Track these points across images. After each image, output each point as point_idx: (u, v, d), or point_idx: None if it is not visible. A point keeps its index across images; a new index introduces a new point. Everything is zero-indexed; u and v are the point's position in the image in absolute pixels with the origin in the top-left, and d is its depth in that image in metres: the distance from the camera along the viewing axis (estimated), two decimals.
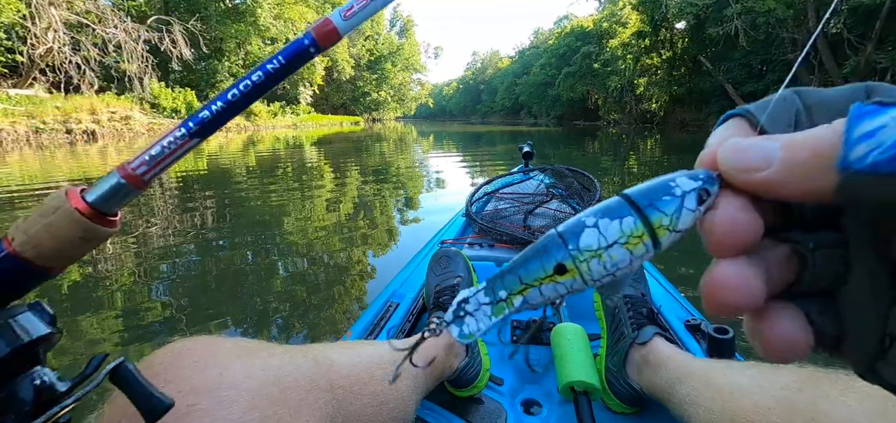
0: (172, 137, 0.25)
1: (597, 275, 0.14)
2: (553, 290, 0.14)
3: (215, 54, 16.89)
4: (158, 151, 0.24)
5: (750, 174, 0.12)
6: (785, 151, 0.11)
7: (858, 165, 0.10)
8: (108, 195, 0.24)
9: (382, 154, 8.06)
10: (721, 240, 0.12)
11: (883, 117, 0.10)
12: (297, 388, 0.35)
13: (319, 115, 25.10)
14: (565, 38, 30.69)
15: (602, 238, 0.13)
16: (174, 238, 2.50)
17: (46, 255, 0.22)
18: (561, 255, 0.14)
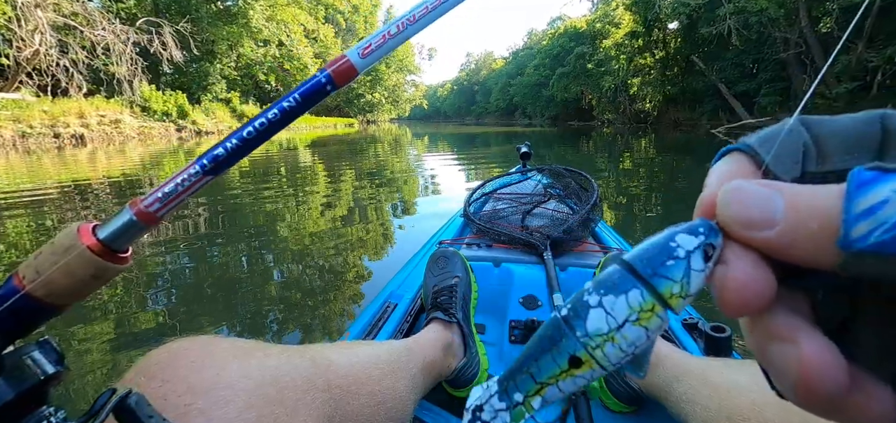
0: (186, 174, 0.24)
1: (615, 359, 0.13)
2: (573, 384, 0.13)
3: (207, 56, 16.74)
4: (172, 189, 0.24)
5: (751, 231, 0.11)
6: (790, 211, 0.10)
7: (860, 245, 0.09)
8: (120, 232, 0.23)
9: (377, 156, 8.05)
10: (734, 301, 0.11)
11: (884, 190, 0.09)
12: (295, 388, 0.35)
13: (313, 117, 24.96)
14: (559, 39, 30.86)
15: (611, 319, 0.12)
16: (166, 243, 2.47)
17: (57, 293, 0.22)
18: (571, 345, 0.13)
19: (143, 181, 4.67)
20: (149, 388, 0.27)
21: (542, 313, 0.83)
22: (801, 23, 11.97)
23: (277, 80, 20.68)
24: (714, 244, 0.12)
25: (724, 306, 0.11)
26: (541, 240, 0.96)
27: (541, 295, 0.85)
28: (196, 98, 16.12)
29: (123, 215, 0.24)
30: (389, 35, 0.26)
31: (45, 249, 0.23)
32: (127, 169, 5.68)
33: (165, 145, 10.21)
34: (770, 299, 0.11)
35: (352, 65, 0.26)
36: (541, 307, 0.83)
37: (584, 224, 1.04)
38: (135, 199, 0.24)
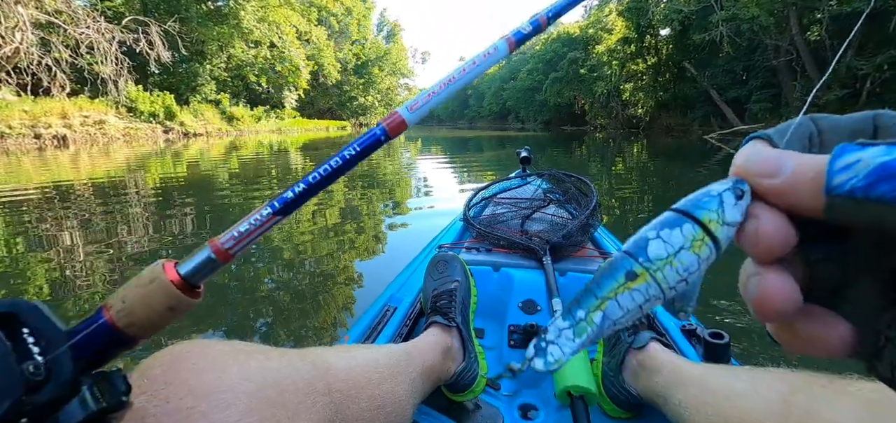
0: (259, 215, 0.27)
1: (672, 280, 0.14)
2: (630, 299, 0.15)
3: (196, 57, 16.56)
4: (246, 228, 0.26)
5: (763, 178, 0.14)
6: (796, 167, 0.13)
7: (839, 190, 0.12)
8: (198, 269, 0.26)
9: (371, 159, 8.02)
10: (769, 246, 0.13)
11: (859, 154, 0.12)
12: (295, 391, 0.35)
13: (305, 119, 24.83)
14: (552, 44, 31.22)
15: (668, 246, 0.14)
16: (152, 248, 2.42)
17: (137, 324, 0.24)
18: (628, 264, 0.15)
19: (127, 184, 4.59)
20: (151, 390, 0.28)
21: (541, 317, 0.83)
22: (791, 30, 12.28)
23: (269, 81, 20.53)
24: (742, 188, 0.14)
25: (759, 249, 0.14)
26: (540, 245, 0.96)
27: (540, 300, 0.85)
28: (184, 99, 15.91)
29: (203, 252, 0.26)
30: (433, 93, 0.31)
31: (132, 281, 0.25)
32: (112, 171, 5.57)
33: (152, 147, 10.04)
34: (790, 244, 0.13)
35: (403, 119, 0.30)
36: (540, 312, 0.83)
37: (583, 230, 1.04)
38: (213, 238, 0.26)
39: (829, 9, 10.76)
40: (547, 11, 0.38)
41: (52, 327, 0.22)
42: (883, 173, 0.11)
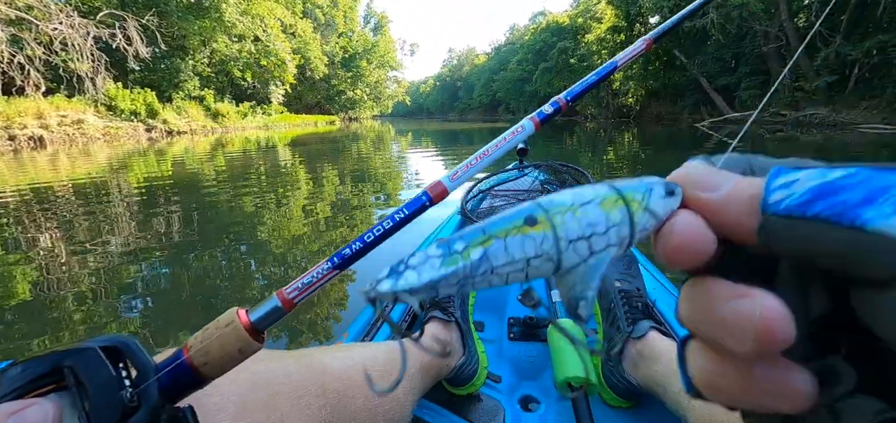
0: (320, 269, 0.30)
1: (572, 231, 0.13)
2: (520, 246, 0.13)
3: (178, 52, 16.17)
4: (309, 280, 0.29)
5: (700, 190, 0.14)
6: (734, 185, 0.13)
7: (774, 208, 0.12)
8: (265, 316, 0.28)
9: (363, 155, 7.96)
10: (681, 242, 0.13)
11: (797, 174, 0.12)
12: (288, 393, 0.35)
13: (292, 114, 24.50)
14: (541, 34, 31.22)
15: (577, 196, 0.14)
16: (138, 249, 2.38)
17: (210, 364, 0.26)
18: (531, 209, 0.14)
19: (109, 185, 4.48)
20: None
21: (539, 310, 0.83)
22: (780, 16, 12.43)
23: (254, 76, 20.17)
24: (674, 189, 0.14)
25: (669, 246, 0.13)
26: None
27: (539, 291, 0.86)
28: (167, 96, 15.56)
29: (272, 301, 0.29)
30: (470, 165, 0.35)
31: (211, 325, 0.27)
32: (93, 172, 5.44)
33: (134, 146, 9.81)
34: (708, 252, 0.13)
35: (445, 187, 0.34)
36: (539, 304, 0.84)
37: None
38: (280, 290, 0.28)
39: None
40: (566, 95, 0.41)
41: (145, 361, 0.25)
42: (820, 192, 0.11)
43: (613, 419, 0.64)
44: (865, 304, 0.11)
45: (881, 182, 0.10)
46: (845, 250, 0.10)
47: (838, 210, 0.10)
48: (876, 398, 0.11)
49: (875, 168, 0.11)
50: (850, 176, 0.11)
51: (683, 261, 0.13)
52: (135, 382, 0.25)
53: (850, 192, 0.10)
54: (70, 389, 0.23)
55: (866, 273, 0.10)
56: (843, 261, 0.10)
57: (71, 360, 0.23)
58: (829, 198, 0.11)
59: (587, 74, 0.43)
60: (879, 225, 0.10)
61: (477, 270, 0.13)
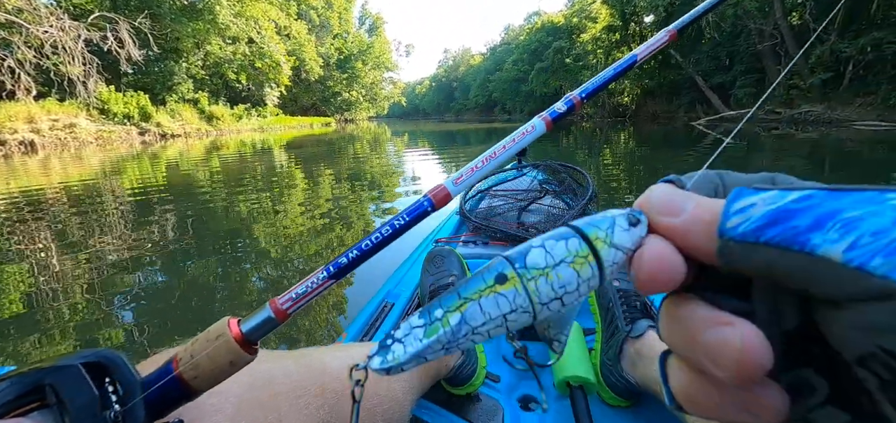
0: (314, 278, 0.29)
1: (546, 295, 0.14)
2: (494, 304, 0.14)
3: (171, 55, 16.08)
4: (303, 290, 0.28)
5: (663, 215, 0.14)
6: (694, 208, 0.13)
7: (730, 234, 0.12)
8: (258, 327, 0.27)
9: (360, 156, 7.94)
10: (649, 269, 0.13)
11: (754, 198, 0.12)
12: (288, 393, 0.36)
13: (288, 117, 24.43)
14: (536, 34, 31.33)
15: (549, 257, 0.14)
16: (132, 255, 2.36)
17: (201, 377, 0.26)
18: (501, 266, 0.14)
19: (103, 190, 4.45)
20: None
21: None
22: (775, 14, 12.52)
23: (248, 78, 20.10)
24: (638, 217, 0.14)
25: (640, 276, 0.13)
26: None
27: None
28: (160, 99, 15.48)
29: (264, 312, 0.28)
30: (475, 168, 0.33)
31: (201, 337, 0.27)
32: (85, 176, 5.39)
33: (127, 150, 9.74)
34: (679, 278, 0.13)
35: (448, 192, 0.32)
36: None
37: None
38: (273, 300, 0.28)
39: None
40: (581, 92, 0.39)
41: (131, 378, 0.25)
42: (773, 218, 0.11)
43: (612, 419, 0.65)
44: (824, 320, 0.11)
45: (829, 207, 0.11)
46: (799, 273, 0.11)
47: (789, 236, 0.11)
48: (842, 410, 0.11)
49: (829, 191, 0.11)
50: (804, 199, 0.11)
51: (657, 288, 0.13)
52: (122, 399, 0.24)
53: (800, 217, 0.11)
54: (52, 408, 0.22)
55: (821, 293, 0.11)
56: (799, 283, 0.11)
57: (52, 378, 0.23)
58: (782, 224, 0.11)
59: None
60: (825, 251, 0.10)
61: (458, 333, 0.14)
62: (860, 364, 0.10)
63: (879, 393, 0.10)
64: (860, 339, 0.10)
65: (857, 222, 0.10)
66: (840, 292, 0.10)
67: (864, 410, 0.11)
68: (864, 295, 0.10)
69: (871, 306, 0.10)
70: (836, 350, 0.11)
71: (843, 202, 0.10)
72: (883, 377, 0.10)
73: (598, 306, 0.73)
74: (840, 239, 0.10)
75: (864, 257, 0.10)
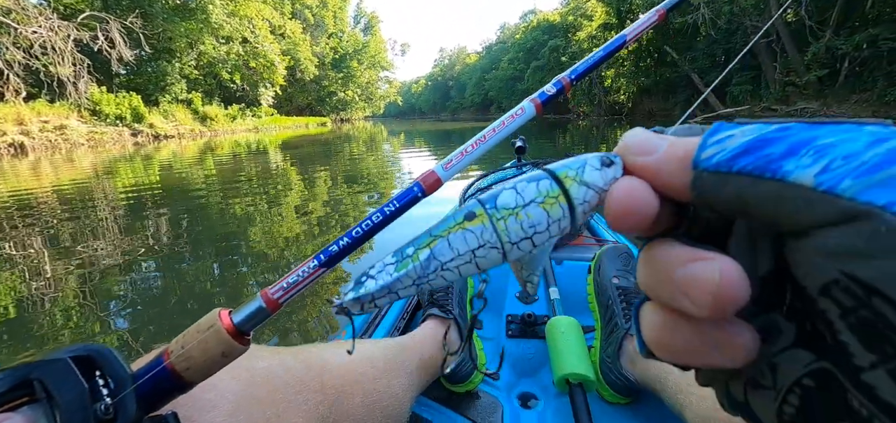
0: (306, 267, 0.29)
1: (515, 234, 0.14)
2: (462, 240, 0.14)
3: (164, 55, 15.96)
4: (294, 279, 0.28)
5: (637, 156, 0.14)
6: (668, 146, 0.13)
7: (704, 164, 0.12)
8: (249, 317, 0.27)
9: (356, 156, 7.92)
10: (624, 207, 0.13)
11: (733, 130, 0.12)
12: (286, 389, 0.36)
13: (283, 117, 24.31)
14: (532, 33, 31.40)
15: (519, 198, 0.14)
16: (125, 256, 2.34)
17: (193, 369, 0.26)
18: (472, 205, 0.14)
19: (94, 192, 4.41)
20: None
21: (538, 307, 0.83)
22: (770, 11, 12.59)
23: (243, 78, 19.99)
24: (611, 158, 0.14)
25: (611, 209, 0.13)
26: None
27: (538, 290, 0.86)
28: (153, 100, 15.36)
29: (255, 302, 0.28)
30: (465, 152, 0.33)
31: (191, 328, 0.27)
32: (77, 178, 5.34)
33: (120, 152, 9.66)
34: (651, 212, 0.13)
35: (438, 177, 0.32)
36: (537, 301, 0.84)
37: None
38: (264, 290, 0.28)
39: None
40: (570, 74, 0.39)
41: (121, 370, 0.25)
42: (748, 147, 0.11)
43: (611, 416, 0.65)
44: (791, 254, 0.11)
45: (805, 135, 0.11)
46: (769, 202, 0.11)
47: (762, 163, 0.11)
48: (806, 349, 0.11)
49: (808, 122, 0.11)
50: (781, 130, 0.11)
51: (629, 223, 0.13)
52: (113, 392, 0.24)
53: (775, 145, 0.11)
54: (41, 402, 0.22)
55: (789, 223, 0.11)
56: (769, 214, 0.11)
57: (40, 372, 0.22)
58: (756, 152, 0.11)
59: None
60: (797, 176, 0.10)
61: (428, 268, 0.14)
62: (823, 294, 0.10)
63: (840, 322, 0.10)
64: (824, 266, 0.10)
65: (830, 148, 0.10)
66: (808, 218, 0.10)
67: (827, 345, 0.11)
68: (832, 218, 0.10)
69: (836, 230, 0.10)
70: (802, 287, 0.11)
71: (820, 131, 0.11)
72: (844, 305, 0.10)
73: (597, 304, 0.73)
74: (812, 164, 0.10)
75: (835, 179, 0.10)
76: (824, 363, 0.11)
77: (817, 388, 0.11)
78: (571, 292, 0.82)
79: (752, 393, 0.13)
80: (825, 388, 0.11)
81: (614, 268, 0.72)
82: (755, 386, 0.13)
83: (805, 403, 0.11)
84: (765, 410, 0.12)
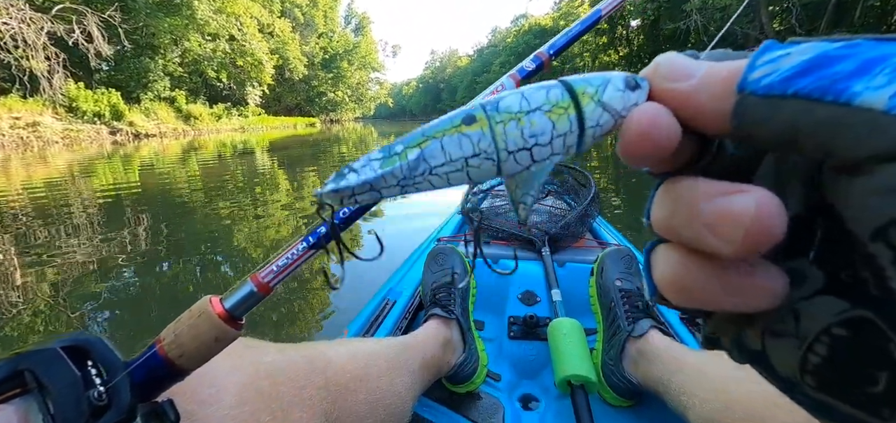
0: (295, 249, 0.29)
1: (514, 142, 0.13)
2: (456, 144, 0.13)
3: (147, 51, 15.65)
4: (284, 262, 0.29)
5: (672, 82, 0.12)
6: (707, 69, 0.12)
7: (753, 86, 0.10)
8: (240, 302, 0.28)
9: (347, 159, 7.86)
10: (638, 127, 0.12)
11: (789, 49, 0.10)
12: (291, 384, 0.36)
13: (270, 117, 24.07)
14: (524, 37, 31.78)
15: (524, 102, 0.13)
16: (102, 261, 2.27)
17: (186, 355, 0.26)
18: (473, 109, 0.13)
19: (69, 193, 4.28)
20: None
21: (540, 308, 0.84)
22: (760, 18, 12.98)
23: (229, 77, 19.73)
24: (638, 81, 0.13)
25: (627, 135, 0.12)
26: (539, 236, 0.98)
27: (539, 291, 0.87)
28: (135, 97, 15.04)
29: (245, 287, 0.28)
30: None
31: (183, 316, 0.27)
32: (53, 178, 5.18)
33: (97, 150, 9.40)
34: (671, 143, 0.12)
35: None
36: (539, 303, 0.85)
37: (581, 220, 1.06)
38: (254, 273, 0.28)
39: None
40: (548, 48, 0.39)
41: (113, 359, 0.25)
42: (808, 66, 0.10)
43: (613, 418, 0.65)
44: (838, 193, 0.10)
45: (881, 51, 0.09)
46: (826, 129, 0.10)
47: (825, 84, 0.09)
48: (838, 297, 0.11)
49: (881, 39, 0.10)
50: (850, 46, 0.10)
51: (644, 154, 0.12)
52: (106, 381, 0.24)
53: (843, 63, 0.09)
54: (33, 392, 0.22)
55: (847, 155, 0.09)
56: (823, 145, 0.10)
57: (29, 362, 0.22)
58: (819, 71, 0.10)
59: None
60: (867, 98, 0.09)
61: (415, 170, 0.13)
62: (876, 237, 0.09)
63: (892, 268, 0.09)
64: (881, 205, 0.09)
65: None
66: (872, 147, 0.09)
67: (869, 293, 0.10)
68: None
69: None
70: (847, 230, 0.10)
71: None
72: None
73: (599, 306, 0.74)
74: (889, 84, 0.09)
75: None
76: (862, 311, 0.10)
77: (851, 337, 0.10)
78: (574, 294, 0.83)
79: (771, 341, 0.12)
80: (862, 337, 0.10)
81: (617, 270, 0.73)
82: (774, 334, 0.12)
83: (834, 352, 0.10)
84: (784, 359, 0.12)
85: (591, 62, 22.70)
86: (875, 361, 0.10)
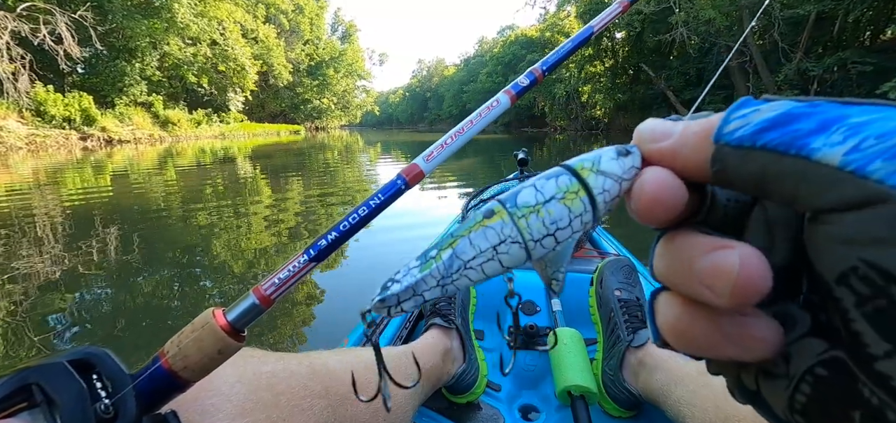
0: (296, 262, 0.30)
1: (537, 231, 0.14)
2: (483, 237, 0.14)
3: (123, 54, 15.26)
4: (286, 275, 0.29)
5: (655, 142, 0.14)
6: (683, 125, 0.13)
7: (727, 138, 0.12)
8: (243, 314, 0.28)
9: (331, 167, 7.79)
10: (652, 197, 0.13)
11: (759, 105, 0.12)
12: (291, 393, 0.36)
13: (253, 123, 23.73)
14: (510, 47, 32.32)
15: (538, 195, 0.14)
16: (70, 276, 2.17)
17: (190, 367, 0.27)
18: (491, 205, 0.15)
19: (33, 203, 4.10)
20: None
21: (540, 318, 0.84)
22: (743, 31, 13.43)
23: (211, 82, 19.40)
24: (628, 149, 0.14)
25: (641, 201, 0.13)
26: None
27: (539, 301, 0.87)
28: (109, 101, 14.62)
29: (248, 299, 0.29)
30: (445, 144, 0.35)
31: (186, 329, 0.28)
32: (15, 186, 4.97)
33: (66, 157, 9.06)
34: (680, 203, 0.13)
35: (420, 170, 0.34)
36: (539, 313, 0.85)
37: None
38: (256, 286, 0.29)
39: (783, 11, 11.76)
40: (541, 65, 0.41)
41: (119, 372, 0.26)
42: (775, 122, 0.11)
43: None
44: (809, 239, 0.11)
45: (837, 113, 0.10)
46: (791, 179, 0.10)
47: (788, 139, 0.11)
48: (819, 338, 0.11)
49: (841, 102, 0.11)
50: (812, 106, 0.11)
51: (658, 215, 0.13)
52: (111, 393, 0.25)
53: (805, 121, 0.11)
54: (40, 406, 0.23)
55: (810, 204, 0.10)
56: (789, 193, 0.11)
57: (37, 376, 0.23)
58: (783, 127, 0.11)
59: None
60: (825, 153, 0.10)
61: (451, 267, 0.14)
62: (840, 282, 0.10)
63: (855, 310, 0.10)
64: (842, 252, 0.10)
65: (863, 126, 0.10)
66: (830, 198, 0.10)
67: (840, 335, 0.11)
68: (855, 201, 0.09)
69: (858, 214, 0.09)
70: (819, 275, 0.11)
71: (853, 110, 0.10)
72: (861, 293, 0.10)
73: (599, 316, 0.74)
74: (843, 142, 0.10)
75: (864, 160, 0.09)
76: (837, 352, 0.11)
77: (830, 377, 0.11)
78: (574, 304, 0.84)
79: (764, 382, 0.13)
80: (837, 377, 0.11)
81: (617, 281, 0.73)
82: (767, 375, 0.12)
83: (817, 391, 0.11)
84: (776, 398, 0.12)
85: (577, 73, 23.19)
86: (849, 400, 0.10)
